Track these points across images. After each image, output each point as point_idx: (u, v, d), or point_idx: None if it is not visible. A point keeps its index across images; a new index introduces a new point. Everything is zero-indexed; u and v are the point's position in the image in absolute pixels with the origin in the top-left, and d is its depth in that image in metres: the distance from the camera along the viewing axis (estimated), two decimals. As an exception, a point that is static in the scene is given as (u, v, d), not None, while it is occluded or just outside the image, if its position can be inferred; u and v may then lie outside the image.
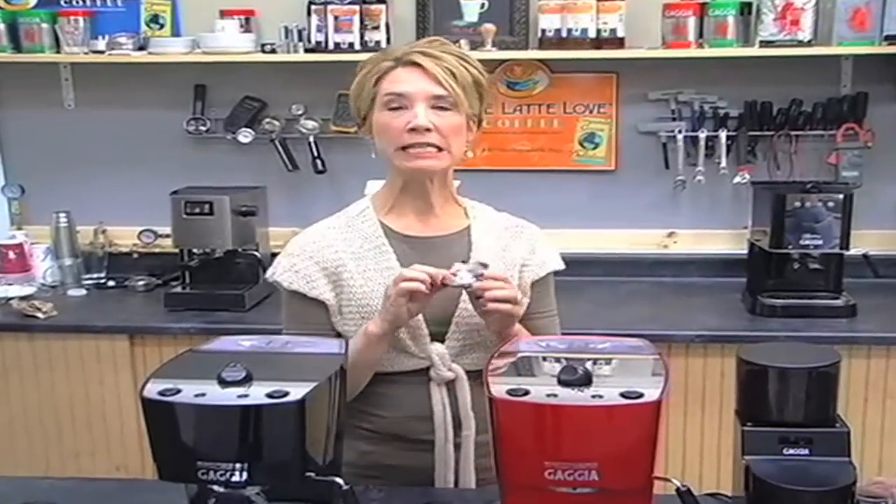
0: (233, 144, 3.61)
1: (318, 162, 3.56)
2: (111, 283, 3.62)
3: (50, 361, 3.21)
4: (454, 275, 1.74)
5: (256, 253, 3.32)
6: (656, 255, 3.63)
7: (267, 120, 3.58)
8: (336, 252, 1.90)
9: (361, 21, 3.38)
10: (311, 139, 3.56)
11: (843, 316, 3.07)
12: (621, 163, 3.61)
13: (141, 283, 3.55)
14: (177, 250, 3.43)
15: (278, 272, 1.93)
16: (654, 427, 1.35)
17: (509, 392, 1.38)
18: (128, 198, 3.73)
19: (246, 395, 1.37)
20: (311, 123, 3.56)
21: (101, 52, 3.52)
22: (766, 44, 3.24)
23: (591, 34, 3.34)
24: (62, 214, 3.66)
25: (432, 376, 1.89)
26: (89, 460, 3.25)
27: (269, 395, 1.37)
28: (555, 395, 1.36)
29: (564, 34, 3.35)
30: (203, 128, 3.63)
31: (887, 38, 3.18)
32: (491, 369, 1.47)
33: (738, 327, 3.04)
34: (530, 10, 3.46)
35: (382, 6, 3.39)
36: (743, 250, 3.42)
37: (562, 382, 1.39)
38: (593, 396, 1.36)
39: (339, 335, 1.89)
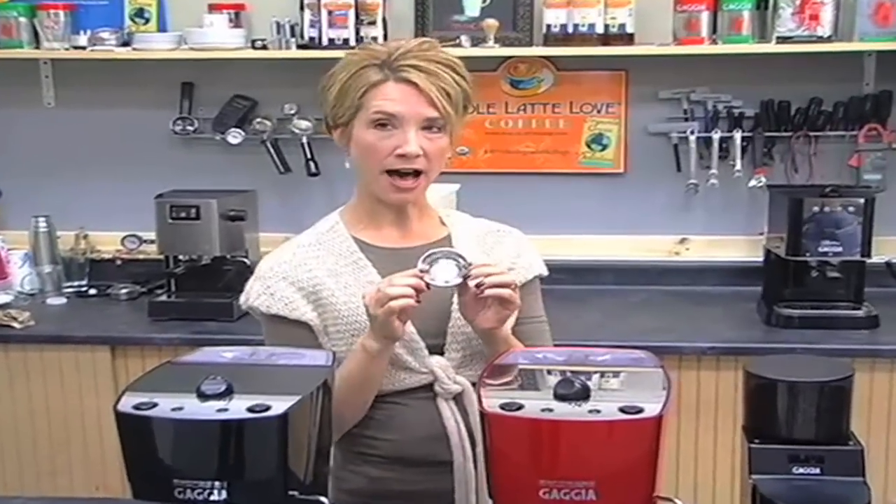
0: (222, 145, 3.63)
1: (312, 164, 3.57)
2: (93, 291, 3.64)
3: (26, 373, 3.22)
4: (425, 272, 1.73)
5: (246, 260, 3.33)
6: (667, 262, 3.64)
7: (258, 120, 3.59)
8: (310, 270, 1.88)
9: (357, 16, 3.39)
10: (305, 140, 3.57)
11: (865, 327, 3.07)
12: (630, 165, 3.62)
13: (124, 291, 3.56)
14: (162, 257, 3.44)
15: (252, 298, 1.90)
16: (655, 444, 1.35)
17: (502, 406, 1.38)
18: (111, 202, 3.75)
19: (226, 409, 1.37)
20: (304, 123, 3.57)
21: (83, 48, 3.54)
22: (783, 40, 3.24)
23: (599, 30, 3.35)
24: (41, 219, 3.67)
25: (438, 391, 1.88)
26: (66, 479, 3.25)
27: (250, 410, 1.37)
28: (550, 410, 1.36)
29: (571, 30, 3.36)
30: (190, 128, 3.65)
31: (912, 33, 3.18)
32: (484, 382, 1.48)
33: (753, 339, 3.04)
34: (534, 5, 3.47)
35: (379, 0, 3.40)
36: (758, 258, 3.42)
37: (558, 396, 1.39)
38: (591, 411, 1.36)
39: None
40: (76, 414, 3.22)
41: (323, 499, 1.46)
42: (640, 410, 1.35)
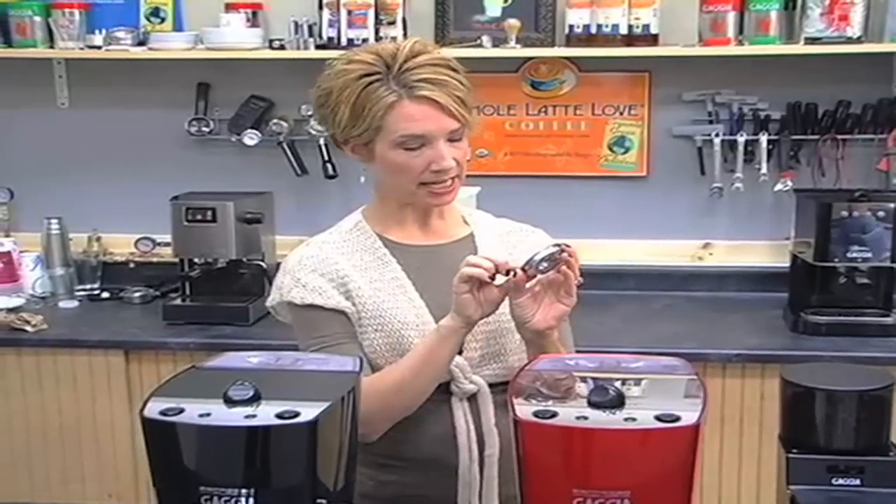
0: (238, 147, 3.64)
1: (329, 166, 3.57)
2: (105, 294, 3.64)
3: (39, 378, 3.22)
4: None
5: (262, 263, 3.33)
6: (691, 267, 3.63)
7: (274, 121, 3.60)
8: (337, 264, 1.92)
9: (377, 16, 3.39)
10: (322, 142, 3.57)
11: (895, 335, 3.05)
12: (653, 168, 3.61)
13: (137, 294, 3.57)
14: (176, 260, 3.44)
15: (285, 292, 1.92)
16: (692, 453, 1.34)
17: (536, 414, 1.37)
18: (124, 204, 3.75)
19: (254, 416, 1.37)
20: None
21: (98, 48, 3.55)
22: (812, 41, 3.23)
23: (623, 30, 3.35)
24: (54, 221, 3.69)
25: (453, 390, 1.89)
26: (79, 487, 3.26)
27: (279, 416, 1.37)
28: (585, 418, 1.36)
29: (594, 30, 3.37)
30: (206, 129, 3.66)
31: (944, 34, 3.17)
32: (515, 390, 1.47)
33: (779, 346, 3.03)
34: (557, 5, 3.47)
35: (399, 0, 3.40)
36: (784, 263, 3.41)
37: (592, 404, 1.39)
38: (626, 419, 1.35)
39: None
40: (89, 420, 3.22)
41: (351, 507, 1.46)
42: (677, 419, 1.35)
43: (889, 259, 3.03)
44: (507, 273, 1.78)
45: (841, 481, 1.45)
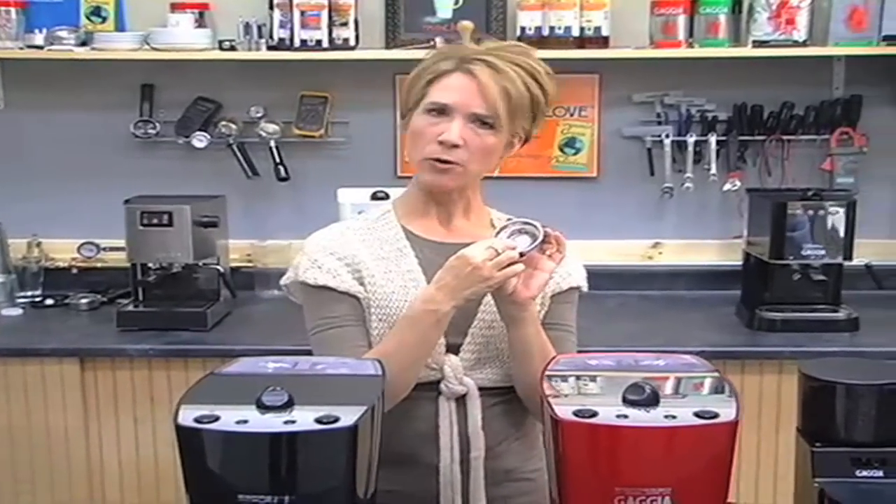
0: (185, 149, 3.58)
1: (281, 168, 3.53)
2: (50, 301, 3.54)
3: (-14, 388, 3.12)
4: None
5: (219, 267, 3.28)
6: (641, 266, 3.68)
7: (223, 123, 3.55)
8: (356, 250, 1.92)
9: (330, 17, 3.36)
10: (273, 144, 3.53)
11: (845, 330, 3.14)
12: (604, 169, 3.65)
13: (84, 301, 3.47)
14: (122, 265, 3.36)
15: (301, 272, 1.92)
16: (731, 448, 1.37)
17: (576, 413, 1.38)
18: (66, 208, 3.67)
19: (293, 421, 1.35)
20: (271, 127, 3.54)
21: (40, 48, 3.45)
22: (759, 44, 3.31)
23: (575, 32, 3.37)
24: (-9, 226, 3.57)
25: (442, 390, 1.90)
26: (29, 498, 3.16)
27: (318, 421, 1.35)
28: (625, 416, 1.37)
29: (546, 32, 3.38)
30: (152, 131, 3.58)
31: (886, 38, 3.27)
32: (548, 391, 1.47)
33: (739, 343, 3.09)
34: (508, 7, 3.49)
35: (352, 1, 3.37)
36: (733, 261, 3.49)
37: (629, 402, 1.40)
38: (666, 417, 1.37)
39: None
40: (41, 429, 3.12)
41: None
42: (716, 415, 1.37)
43: (841, 256, 3.11)
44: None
45: (864, 473, 1.49)
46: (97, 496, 3.13)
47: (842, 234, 3.09)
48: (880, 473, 1.49)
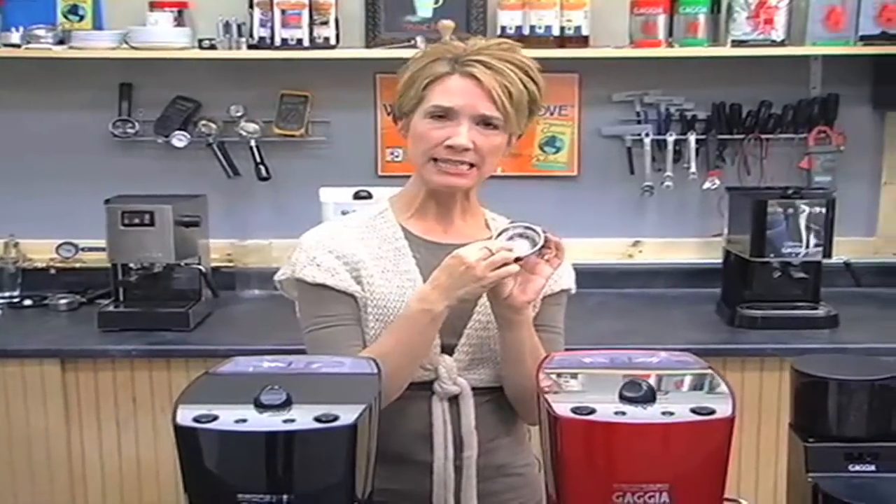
0: (164, 148, 3.56)
1: (262, 168, 3.52)
2: (28, 301, 3.51)
3: (-34, 390, 3.09)
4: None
5: (200, 267, 3.26)
6: (621, 265, 3.70)
7: (203, 122, 3.53)
8: (354, 249, 1.92)
9: (310, 15, 3.35)
10: (253, 143, 3.52)
11: (825, 327, 3.17)
12: (584, 168, 3.67)
13: (63, 301, 3.45)
14: (101, 265, 3.35)
15: (298, 268, 1.92)
16: (727, 444, 1.38)
17: (574, 410, 1.39)
18: (43, 208, 3.64)
19: (292, 420, 1.35)
20: (252, 126, 3.53)
21: (17, 46, 3.42)
22: (738, 43, 3.33)
23: (555, 32, 3.39)
24: (-32, 227, 3.54)
25: (436, 390, 1.91)
26: (10, 500, 3.13)
27: (318, 420, 1.35)
28: (623, 413, 1.38)
29: (526, 31, 3.39)
30: (131, 130, 3.56)
31: (863, 38, 3.30)
32: (545, 389, 1.48)
33: (720, 340, 3.11)
34: (488, 6, 3.49)
35: (332, 0, 3.37)
36: (713, 259, 3.51)
37: (625, 399, 1.41)
38: (663, 413, 1.38)
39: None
40: (21, 431, 3.09)
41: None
42: (713, 412, 1.38)
43: (821, 254, 3.14)
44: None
45: (857, 467, 1.51)
46: (79, 499, 3.11)
47: (821, 231, 3.11)
48: (873, 468, 1.51)
